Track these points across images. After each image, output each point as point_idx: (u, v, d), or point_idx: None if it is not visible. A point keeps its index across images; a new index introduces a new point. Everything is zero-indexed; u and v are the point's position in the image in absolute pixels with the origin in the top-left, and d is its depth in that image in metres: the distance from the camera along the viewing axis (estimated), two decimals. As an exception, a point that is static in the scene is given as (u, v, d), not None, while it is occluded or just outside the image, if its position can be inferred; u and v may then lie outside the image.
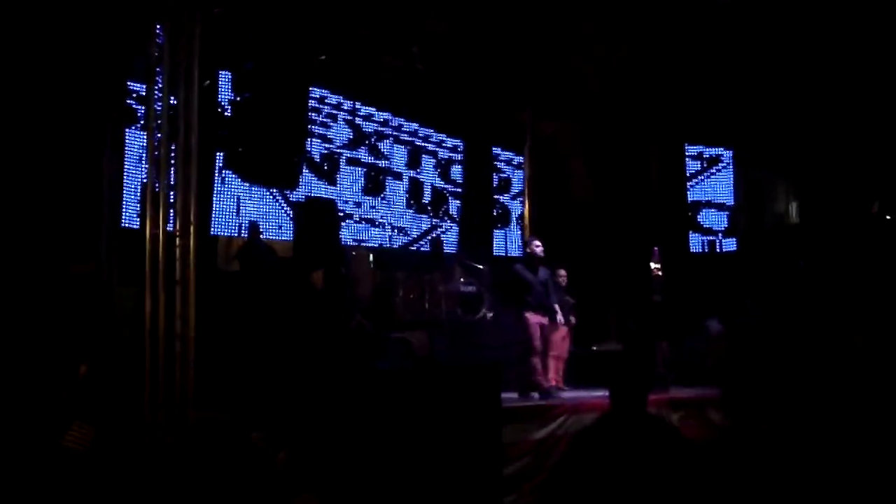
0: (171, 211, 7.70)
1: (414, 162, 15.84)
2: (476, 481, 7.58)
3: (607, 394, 4.45)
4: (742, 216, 17.07)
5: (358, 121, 14.99)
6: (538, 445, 8.80)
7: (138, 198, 10.96)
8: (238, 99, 9.70)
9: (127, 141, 11.26)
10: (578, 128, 16.25)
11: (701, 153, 17.61)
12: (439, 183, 16.26)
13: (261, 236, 12.13)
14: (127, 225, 10.98)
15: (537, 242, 11.13)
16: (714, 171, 17.62)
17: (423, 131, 16.05)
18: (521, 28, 13.00)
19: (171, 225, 7.68)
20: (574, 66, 14.25)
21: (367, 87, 14.45)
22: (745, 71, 14.26)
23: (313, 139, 13.81)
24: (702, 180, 17.62)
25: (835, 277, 13.97)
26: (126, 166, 11.23)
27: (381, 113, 15.34)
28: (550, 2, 12.52)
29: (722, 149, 17.48)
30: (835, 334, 12.85)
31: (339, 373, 8.30)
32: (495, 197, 17.15)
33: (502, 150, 17.17)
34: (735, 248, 17.08)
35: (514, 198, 17.35)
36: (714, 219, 17.49)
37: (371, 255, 12.43)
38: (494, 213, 17.04)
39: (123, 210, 11.09)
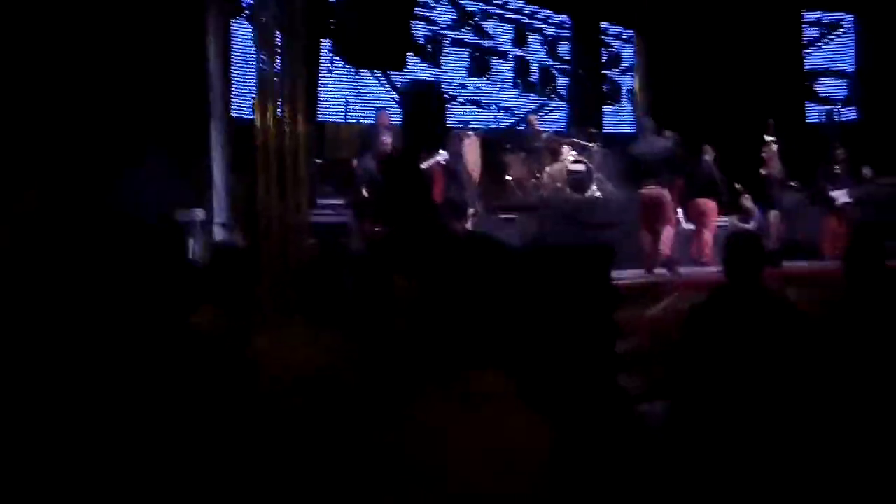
0: (280, 99, 7.77)
1: (520, 40, 15.61)
2: (589, 361, 7.60)
3: (721, 270, 4.40)
4: (864, 84, 16.42)
5: (461, 0, 14.79)
6: (651, 323, 8.78)
7: (246, 88, 11.08)
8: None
9: (233, 32, 11.35)
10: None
11: (819, 19, 16.92)
12: (546, 61, 16.01)
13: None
14: (237, 115, 11.13)
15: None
16: (833, 37, 16.93)
17: (528, 8, 15.76)
18: None
19: (281, 112, 7.75)
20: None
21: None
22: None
23: (416, 21, 13.68)
24: (820, 47, 16.97)
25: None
26: (233, 57, 11.33)
27: (484, -10, 15.11)
28: None
29: (842, 13, 16.75)
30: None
31: (450, 253, 8.35)
32: (604, 73, 16.82)
33: (611, 24, 16.76)
34: (855, 118, 16.49)
35: (623, 73, 17.00)
36: (833, 87, 16.88)
37: (479, 138, 12.34)
38: (604, 90, 16.74)
39: (232, 101, 11.24)
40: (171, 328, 3.23)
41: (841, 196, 12.13)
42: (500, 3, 15.36)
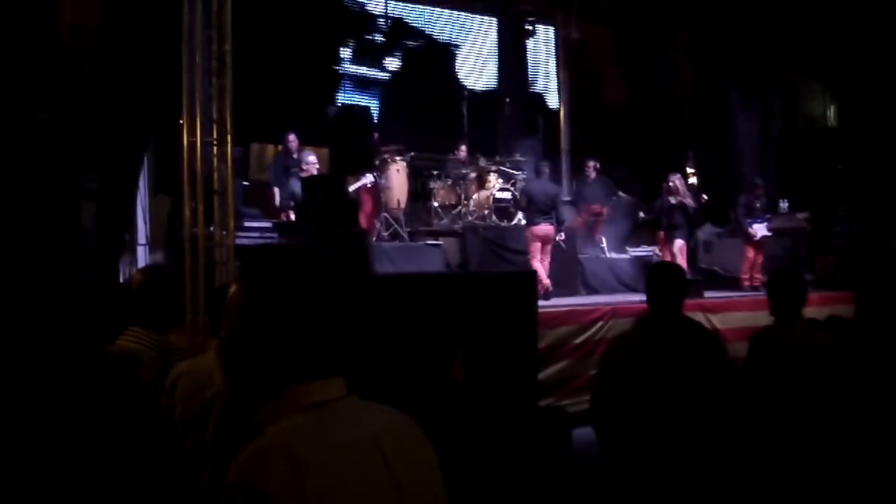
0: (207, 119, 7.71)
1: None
2: (511, 386, 7.64)
3: (644, 298, 4.49)
4: (777, 119, 16.86)
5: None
6: (577, 349, 8.89)
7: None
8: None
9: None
10: (610, 31, 16.03)
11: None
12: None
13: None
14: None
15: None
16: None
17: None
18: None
19: (208, 133, 7.70)
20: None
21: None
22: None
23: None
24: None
25: (873, 180, 13.84)
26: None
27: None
28: None
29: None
30: (874, 238, 12.80)
31: (370, 278, 8.36)
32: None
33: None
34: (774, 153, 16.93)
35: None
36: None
37: (405, 161, 12.37)
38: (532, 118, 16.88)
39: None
40: (94, 349, 3.19)
41: (760, 229, 12.38)
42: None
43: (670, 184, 11.97)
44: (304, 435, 1.71)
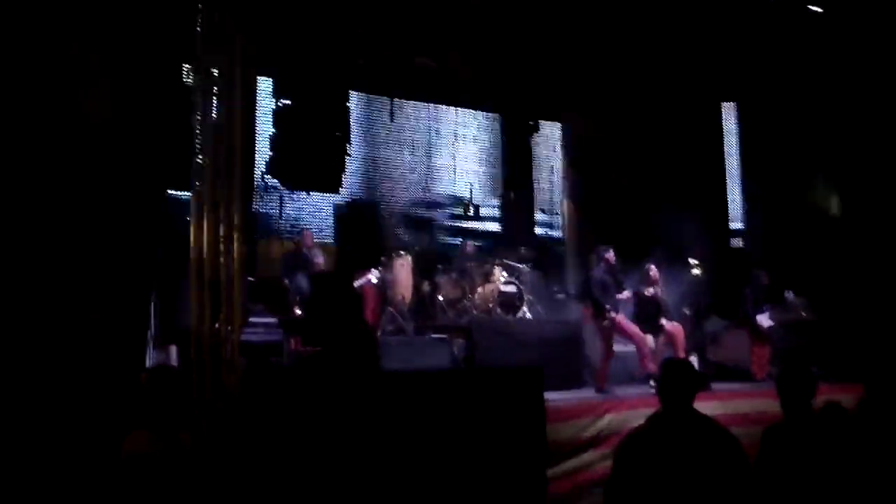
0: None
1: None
2: (519, 482, 7.58)
3: (653, 391, 4.50)
4: (781, 209, 16.88)
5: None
6: (587, 443, 8.80)
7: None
8: (279, 105, 9.75)
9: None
10: (616, 123, 16.21)
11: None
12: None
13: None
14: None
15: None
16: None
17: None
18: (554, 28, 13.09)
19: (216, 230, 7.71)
20: (610, 62, 14.27)
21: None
22: (785, 60, 14.10)
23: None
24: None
25: (878, 270, 13.82)
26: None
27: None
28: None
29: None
30: (877, 325, 12.74)
31: (378, 375, 8.33)
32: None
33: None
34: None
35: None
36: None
37: (410, 256, 12.42)
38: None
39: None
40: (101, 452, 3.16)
41: (764, 320, 12.36)
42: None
43: (650, 274, 11.78)
44: None
